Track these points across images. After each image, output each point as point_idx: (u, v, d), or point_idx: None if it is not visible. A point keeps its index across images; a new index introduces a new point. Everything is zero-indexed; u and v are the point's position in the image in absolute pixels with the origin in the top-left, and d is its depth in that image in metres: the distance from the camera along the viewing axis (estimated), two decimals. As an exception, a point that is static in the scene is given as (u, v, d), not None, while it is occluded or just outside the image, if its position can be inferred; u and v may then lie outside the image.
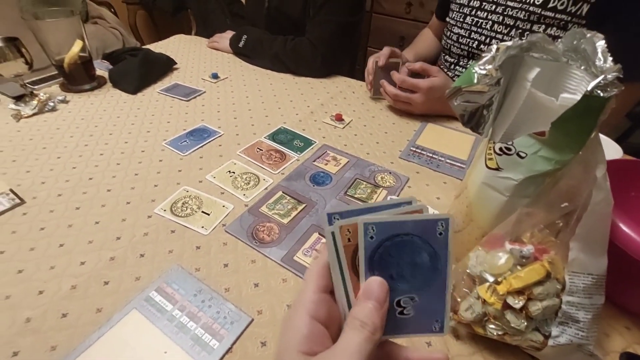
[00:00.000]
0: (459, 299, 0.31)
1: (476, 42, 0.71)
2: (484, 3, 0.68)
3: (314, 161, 0.53)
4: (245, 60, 0.87)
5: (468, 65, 0.75)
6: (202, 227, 0.41)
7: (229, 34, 0.89)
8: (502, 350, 0.31)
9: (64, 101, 0.65)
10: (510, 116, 0.30)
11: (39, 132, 0.56)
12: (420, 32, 0.97)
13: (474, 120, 0.32)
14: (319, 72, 0.81)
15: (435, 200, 0.48)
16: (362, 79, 0.83)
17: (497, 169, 0.32)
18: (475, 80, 0.29)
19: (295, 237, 0.40)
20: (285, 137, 0.59)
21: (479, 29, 0.70)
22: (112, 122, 0.60)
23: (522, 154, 0.30)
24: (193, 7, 1.17)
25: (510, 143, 0.31)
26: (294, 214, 0.43)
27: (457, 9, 0.74)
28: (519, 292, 0.28)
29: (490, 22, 0.68)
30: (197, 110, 0.66)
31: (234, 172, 0.50)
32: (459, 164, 0.55)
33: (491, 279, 0.29)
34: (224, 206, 0.44)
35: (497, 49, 0.28)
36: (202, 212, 0.43)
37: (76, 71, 0.68)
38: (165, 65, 0.78)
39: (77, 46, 0.66)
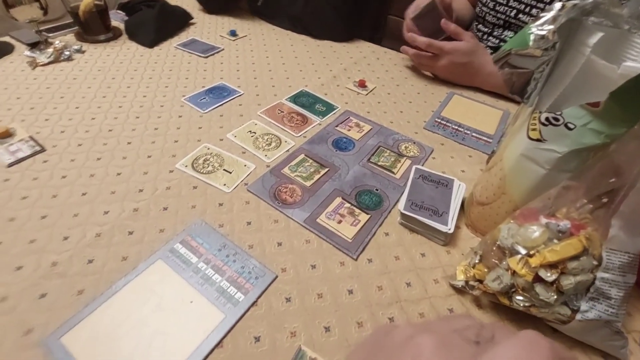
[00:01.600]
0: (486, 270, 0.31)
1: (514, 10, 0.67)
2: None
3: (337, 126, 0.52)
4: (265, 19, 0.83)
5: (503, 36, 0.71)
6: (224, 184, 0.40)
7: None
8: (525, 321, 0.31)
9: (80, 51, 0.63)
10: (561, 84, 0.28)
11: (55, 81, 0.55)
12: None
13: (520, 86, 0.30)
14: (340, 37, 0.77)
15: (460, 172, 0.47)
16: (385, 45, 0.79)
17: (540, 140, 0.30)
18: (531, 43, 0.27)
19: (318, 200, 0.40)
20: (307, 101, 0.57)
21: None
22: (129, 75, 0.58)
23: (571, 125, 0.28)
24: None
25: (558, 113, 0.29)
26: (316, 177, 0.43)
27: None
28: (552, 265, 0.28)
29: None
30: (216, 67, 0.63)
31: (254, 133, 0.49)
32: (485, 138, 0.53)
33: (523, 252, 0.29)
34: (245, 165, 0.43)
35: (562, 7, 0.26)
36: (224, 170, 0.42)
37: (91, 20, 0.65)
38: (182, 19, 0.75)
39: (92, -8, 0.63)
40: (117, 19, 0.74)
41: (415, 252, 0.36)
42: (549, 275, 0.27)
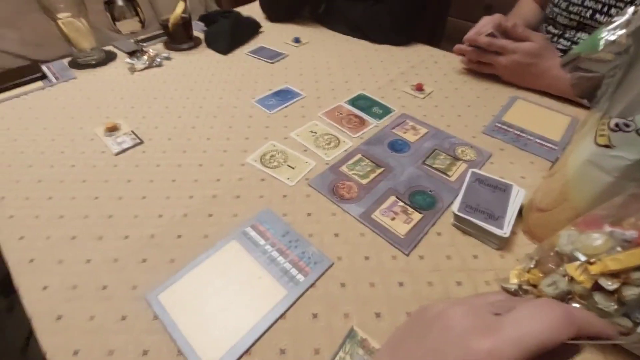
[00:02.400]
0: (541, 275, 0.31)
1: (590, 10, 0.63)
2: None
3: (393, 129, 0.54)
4: (326, 26, 0.88)
5: (575, 38, 0.67)
6: (288, 178, 0.45)
7: None
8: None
9: (168, 58, 0.73)
10: (634, 89, 0.28)
11: (149, 84, 0.65)
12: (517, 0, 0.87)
13: (589, 91, 0.30)
14: (398, 41, 0.79)
15: (519, 179, 0.46)
16: (443, 48, 0.79)
17: (608, 146, 0.30)
18: (601, 47, 0.27)
19: (373, 197, 0.42)
20: (365, 103, 0.60)
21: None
22: (207, 80, 0.66)
23: (643, 132, 0.28)
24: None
25: (630, 119, 0.28)
26: (372, 176, 0.45)
27: None
28: (613, 274, 0.27)
29: None
30: (281, 72, 0.69)
31: (315, 132, 0.53)
32: (549, 145, 0.51)
33: (583, 259, 0.29)
34: (306, 162, 0.47)
35: (635, 12, 0.25)
36: (288, 165, 0.47)
37: (178, 31, 0.74)
38: (253, 29, 0.82)
39: (179, 7, 0.73)
40: (198, 29, 0.83)
41: (467, 254, 0.37)
42: (610, 285, 0.27)
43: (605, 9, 0.61)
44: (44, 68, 0.69)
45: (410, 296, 0.34)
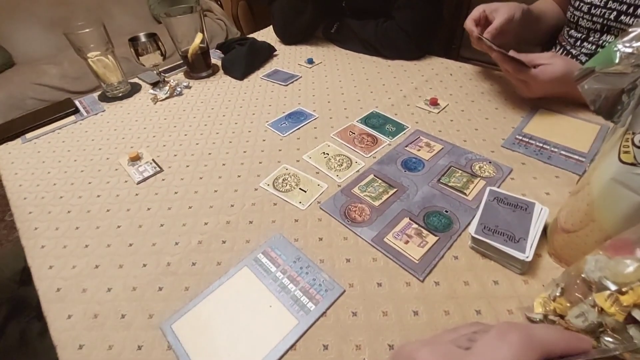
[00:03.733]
0: (568, 304, 0.29)
1: (615, 12, 0.59)
2: None
3: (406, 146, 0.53)
4: (338, 45, 0.89)
5: (601, 42, 0.64)
6: (300, 202, 0.45)
7: None
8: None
9: (188, 87, 0.76)
10: (660, 103, 0.26)
11: (170, 113, 0.68)
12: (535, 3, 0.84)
13: (606, 107, 0.28)
14: (411, 56, 0.78)
15: (543, 195, 0.43)
16: (458, 59, 0.77)
17: (635, 164, 0.27)
18: (617, 60, 0.25)
19: (385, 219, 0.41)
20: (378, 121, 0.59)
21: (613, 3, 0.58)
22: (224, 106, 0.68)
23: (673, 149, 0.25)
24: None
25: (657, 134, 0.26)
26: (385, 197, 0.44)
27: None
28: (650, 306, 0.25)
29: None
30: (295, 94, 0.70)
31: (327, 154, 0.53)
32: (576, 157, 0.48)
33: (613, 288, 0.26)
34: (318, 185, 0.47)
35: (653, 23, 0.24)
36: (300, 189, 0.47)
37: (197, 60, 0.78)
38: (267, 53, 0.84)
39: (198, 38, 0.76)
40: (215, 57, 0.87)
41: (487, 279, 0.35)
42: (646, 317, 0.24)
43: (631, 10, 0.57)
44: (77, 103, 0.74)
45: (426, 325, 0.32)
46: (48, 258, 0.42)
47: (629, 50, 0.25)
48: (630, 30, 0.25)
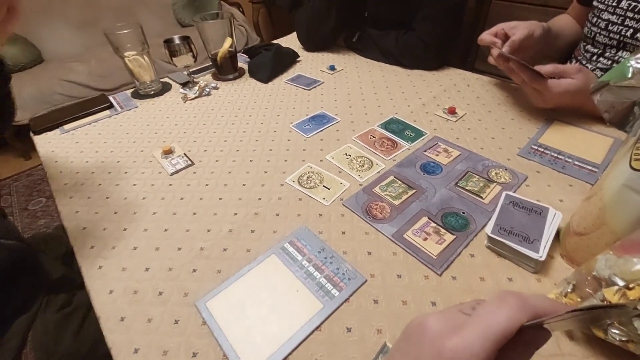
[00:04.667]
0: (579, 299, 0.31)
1: (631, 29, 0.61)
2: None
3: (425, 151, 0.55)
4: (359, 53, 0.92)
5: (617, 57, 0.66)
6: (324, 198, 0.48)
7: None
8: (619, 357, 0.30)
9: (216, 88, 0.80)
10: (670, 115, 0.28)
11: (199, 112, 0.72)
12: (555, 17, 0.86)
13: (619, 117, 0.30)
14: (429, 66, 0.81)
15: (557, 202, 0.45)
16: (478, 67, 0.80)
17: (645, 171, 0.29)
18: (630, 75, 0.28)
19: (405, 218, 0.44)
20: (397, 127, 0.62)
21: (636, 15, 0.61)
22: (250, 107, 0.72)
23: (682, 157, 0.28)
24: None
25: (666, 144, 0.28)
26: (404, 197, 0.47)
27: None
28: (656, 301, 0.27)
29: None
30: (317, 98, 0.73)
31: (349, 155, 0.56)
32: (589, 167, 0.50)
33: (621, 283, 0.28)
34: (341, 183, 0.50)
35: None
36: (324, 186, 0.50)
37: (225, 63, 0.82)
38: (291, 58, 0.88)
39: (227, 43, 0.81)
40: (242, 61, 0.91)
41: (502, 276, 0.37)
42: (652, 311, 0.26)
43: None
44: (111, 99, 0.78)
45: (443, 315, 0.34)
46: (89, 239, 0.46)
47: (642, 66, 0.27)
48: (643, 48, 0.28)
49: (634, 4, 0.61)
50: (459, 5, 0.78)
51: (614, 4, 0.64)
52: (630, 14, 0.61)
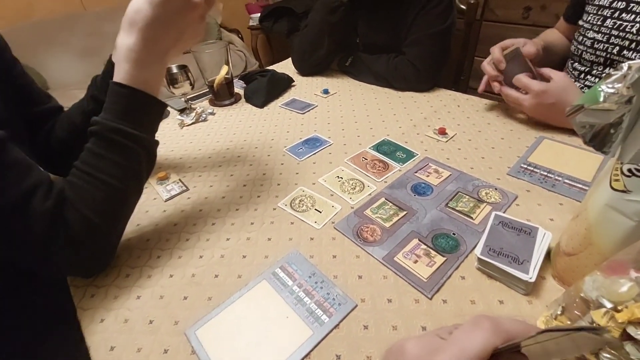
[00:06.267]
0: (569, 322, 0.30)
1: (617, 47, 0.63)
2: (631, 4, 0.61)
3: (416, 172, 0.56)
4: (352, 77, 0.95)
5: (604, 75, 0.67)
6: (315, 222, 0.48)
7: None
8: (620, 385, 0.29)
9: (212, 113, 0.82)
10: (644, 136, 0.29)
11: (195, 138, 0.73)
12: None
13: (597, 139, 0.31)
14: (420, 88, 0.83)
15: (547, 221, 0.45)
16: (467, 91, 0.82)
17: (625, 191, 0.30)
18: (602, 99, 0.29)
19: (396, 240, 0.44)
20: (389, 148, 0.63)
21: (621, 33, 0.62)
22: (245, 131, 0.74)
23: (658, 178, 0.28)
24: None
25: (643, 165, 0.29)
26: (395, 219, 0.47)
27: (595, 11, 0.67)
28: (644, 323, 0.26)
29: (638, 24, 0.60)
30: (311, 122, 0.75)
31: (341, 178, 0.56)
32: (579, 185, 0.50)
33: (609, 305, 0.28)
34: (333, 206, 0.51)
35: (630, 67, 0.27)
36: (315, 209, 0.50)
37: (222, 90, 0.85)
38: (286, 83, 0.91)
39: (224, 70, 0.83)
40: (238, 86, 0.94)
41: (492, 299, 0.37)
42: (639, 333, 0.26)
43: (634, 45, 0.61)
44: (111, 126, 0.80)
45: (434, 341, 0.34)
46: (83, 267, 0.46)
47: (612, 90, 0.28)
48: (612, 72, 0.29)
49: (618, 22, 0.62)
50: (446, 29, 0.81)
51: (599, 22, 0.66)
52: (615, 32, 0.63)
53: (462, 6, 1.08)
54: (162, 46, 0.42)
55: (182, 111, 0.84)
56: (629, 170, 0.30)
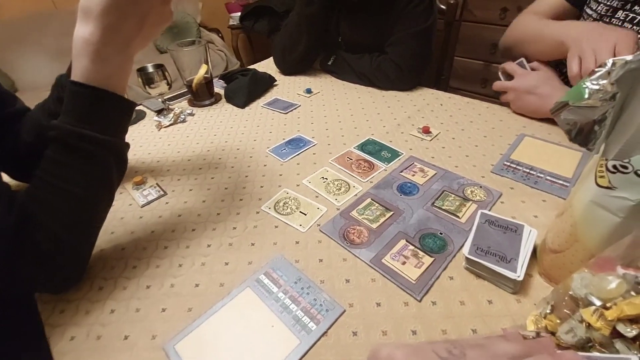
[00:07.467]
0: (558, 321, 0.30)
1: None
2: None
3: (401, 172, 0.56)
4: (335, 76, 0.94)
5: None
6: (300, 225, 0.47)
7: None
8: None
9: (191, 114, 0.80)
10: (627, 132, 0.29)
11: (174, 139, 0.70)
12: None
13: (582, 136, 0.31)
14: (403, 87, 0.83)
15: (532, 218, 0.46)
16: (447, 90, 0.82)
17: (610, 187, 0.30)
18: (586, 96, 0.29)
19: (383, 241, 0.43)
20: (374, 148, 0.62)
21: (635, 27, 0.58)
22: (226, 132, 0.71)
23: (642, 173, 0.28)
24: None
25: (626, 161, 0.29)
26: (382, 220, 0.46)
27: (605, 1, 0.62)
28: (632, 320, 0.26)
29: None
30: (294, 122, 0.73)
31: (326, 179, 0.55)
32: (561, 182, 0.51)
33: (598, 303, 0.28)
34: (318, 208, 0.49)
35: (614, 64, 0.27)
36: (300, 212, 0.49)
37: (201, 90, 0.82)
38: (268, 83, 0.89)
39: (202, 69, 0.81)
40: (218, 86, 0.91)
41: (481, 298, 0.37)
42: (629, 331, 0.26)
43: None
44: (83, 129, 0.76)
45: (424, 344, 0.33)
46: (51, 280, 0.43)
47: (596, 87, 0.28)
48: (596, 70, 0.29)
49: (631, 15, 0.58)
50: (428, 27, 0.81)
51: (609, 13, 0.61)
52: (628, 25, 0.59)
53: (442, 6, 1.09)
54: (123, 35, 0.36)
55: (159, 112, 0.80)
56: (614, 166, 0.30)
